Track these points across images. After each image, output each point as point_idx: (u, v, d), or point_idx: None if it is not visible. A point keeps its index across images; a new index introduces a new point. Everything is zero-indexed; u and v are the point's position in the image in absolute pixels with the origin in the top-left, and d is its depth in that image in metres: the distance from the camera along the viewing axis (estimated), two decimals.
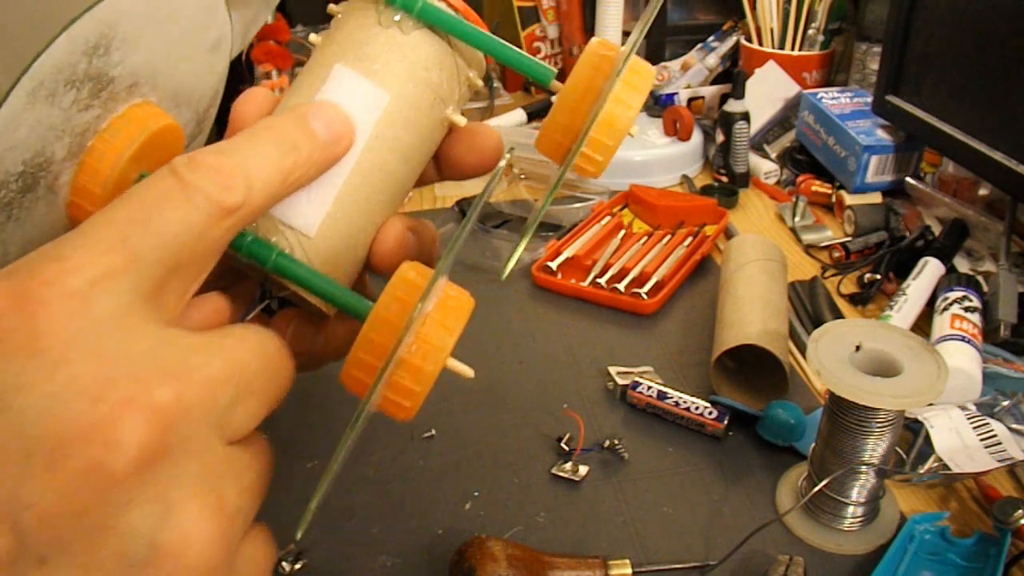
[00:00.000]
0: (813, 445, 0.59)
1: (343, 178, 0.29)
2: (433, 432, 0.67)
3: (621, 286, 0.85)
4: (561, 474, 0.63)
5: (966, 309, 0.73)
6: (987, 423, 0.62)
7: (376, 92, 0.30)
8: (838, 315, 0.80)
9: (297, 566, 0.55)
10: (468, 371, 0.27)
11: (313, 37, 0.32)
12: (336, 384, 0.27)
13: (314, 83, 0.30)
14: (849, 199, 0.98)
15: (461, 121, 0.32)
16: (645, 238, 0.95)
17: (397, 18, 0.31)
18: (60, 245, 0.20)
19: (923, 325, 0.76)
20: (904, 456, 0.62)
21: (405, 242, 0.31)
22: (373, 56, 0.30)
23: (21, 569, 0.17)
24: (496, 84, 1.34)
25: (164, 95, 0.31)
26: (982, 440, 0.61)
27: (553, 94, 0.40)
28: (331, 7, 0.32)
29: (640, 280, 0.86)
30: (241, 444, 0.23)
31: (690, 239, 0.94)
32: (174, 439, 0.19)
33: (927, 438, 0.62)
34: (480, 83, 0.34)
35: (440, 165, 0.34)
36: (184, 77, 0.32)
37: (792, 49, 1.18)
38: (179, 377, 0.20)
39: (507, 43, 0.32)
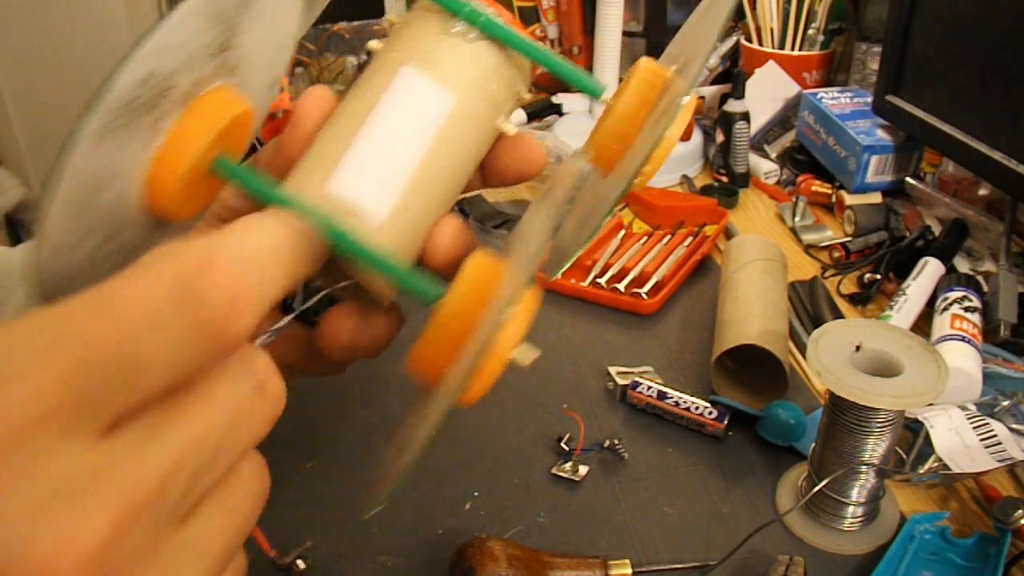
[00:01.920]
0: (813, 445, 0.59)
1: (409, 174, 0.30)
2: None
3: (621, 286, 0.85)
4: (561, 474, 0.63)
5: (966, 309, 0.73)
6: (987, 423, 0.62)
7: (442, 94, 0.31)
8: (838, 315, 0.80)
9: (302, 566, 0.55)
10: (529, 358, 0.29)
11: (373, 43, 0.34)
12: (331, 383, 0.28)
13: (380, 83, 0.31)
14: (849, 199, 0.98)
15: (511, 131, 0.34)
16: (645, 238, 0.95)
17: (460, 28, 0.32)
18: (6, 361, 0.18)
19: (923, 325, 0.76)
20: (904, 456, 0.62)
21: (462, 238, 0.32)
22: (438, 61, 0.32)
23: None
24: None
25: (245, 85, 0.32)
26: (982, 440, 0.61)
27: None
28: (390, 16, 0.34)
29: (640, 280, 0.86)
30: (207, 507, 0.21)
31: (690, 239, 0.94)
32: (113, 569, 0.18)
33: (927, 438, 0.62)
34: (527, 96, 0.35)
35: (485, 172, 0.35)
36: (259, 75, 0.33)
37: (792, 49, 1.18)
38: (116, 497, 0.18)
39: (556, 55, 0.34)
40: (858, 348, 0.55)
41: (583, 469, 0.63)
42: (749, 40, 1.22)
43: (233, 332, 0.20)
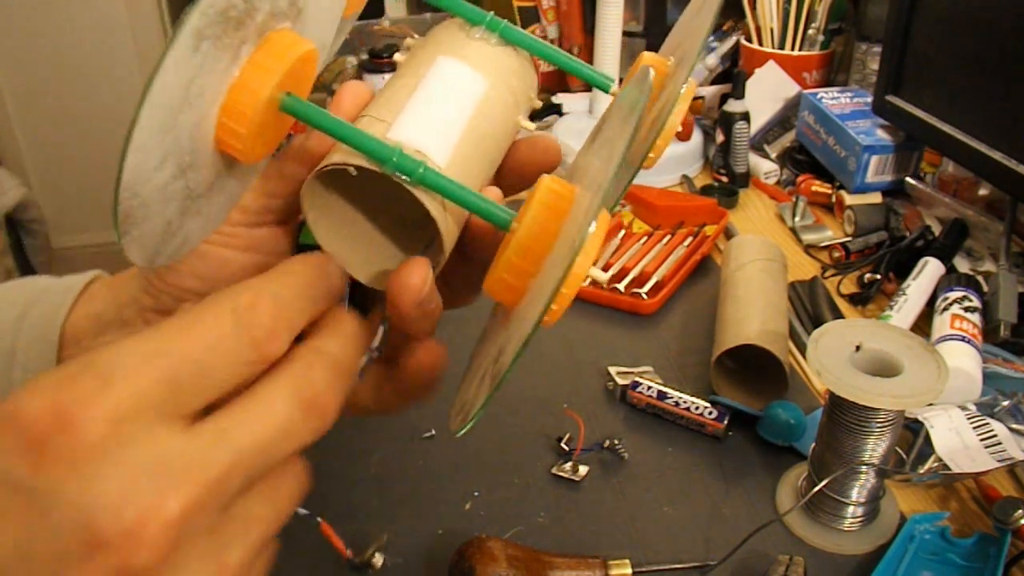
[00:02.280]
0: (813, 445, 0.59)
1: (459, 133, 0.33)
2: (433, 432, 0.67)
3: (621, 286, 0.85)
4: (561, 474, 0.63)
5: (966, 309, 0.73)
6: (987, 423, 0.62)
7: (477, 76, 0.34)
8: (838, 315, 0.80)
9: (379, 562, 0.55)
10: (603, 275, 0.31)
11: (398, 56, 0.37)
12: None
13: (420, 71, 0.34)
14: (849, 199, 0.98)
15: (530, 126, 0.37)
16: (645, 238, 0.95)
17: (482, 35, 0.36)
18: (107, 362, 0.23)
19: (923, 325, 0.76)
20: (904, 456, 0.62)
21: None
22: (469, 55, 0.35)
23: None
24: None
25: (306, 33, 0.32)
26: (982, 440, 0.61)
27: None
28: (408, 41, 0.37)
29: (640, 280, 0.86)
30: (253, 496, 0.26)
31: (690, 239, 0.94)
32: (182, 538, 0.23)
33: (927, 438, 0.62)
34: (539, 103, 0.39)
35: (505, 171, 0.37)
36: (317, 25, 0.34)
37: (792, 49, 1.18)
38: (189, 482, 0.23)
39: (569, 55, 0.39)
40: (858, 348, 0.55)
41: (583, 469, 0.63)
42: (749, 40, 1.22)
43: (275, 348, 0.26)
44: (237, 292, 0.27)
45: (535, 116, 1.24)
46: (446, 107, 0.33)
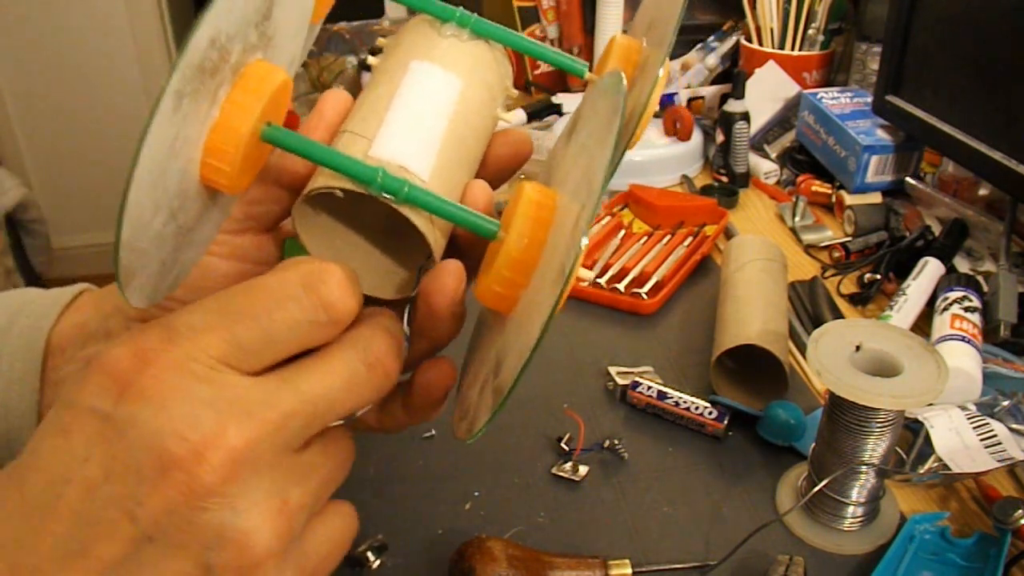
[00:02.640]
0: (813, 445, 0.59)
1: (439, 142, 0.34)
2: (433, 432, 0.67)
3: (621, 286, 0.85)
4: (561, 474, 0.63)
5: (966, 309, 0.73)
6: (987, 423, 0.62)
7: (451, 79, 0.35)
8: (838, 315, 0.80)
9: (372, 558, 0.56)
10: (590, 274, 0.33)
11: (371, 60, 0.37)
12: None
13: (394, 77, 0.34)
14: (849, 199, 0.98)
15: (508, 117, 0.38)
16: (645, 238, 0.95)
17: (453, 31, 0.36)
18: (178, 318, 0.27)
19: (923, 325, 0.76)
20: (904, 456, 0.62)
21: (490, 195, 0.36)
22: (441, 56, 0.35)
23: (139, 543, 0.25)
24: None
25: (276, 60, 0.33)
26: (982, 440, 0.61)
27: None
28: (380, 40, 0.37)
29: (640, 280, 0.86)
30: (314, 448, 0.29)
31: (690, 239, 0.94)
32: (244, 466, 0.25)
33: (927, 438, 0.62)
34: (515, 92, 0.39)
35: (485, 166, 0.38)
36: (285, 51, 0.34)
37: (792, 49, 1.18)
38: (250, 418, 0.26)
39: (542, 44, 0.39)
40: (858, 348, 0.55)
41: (583, 469, 0.63)
42: (749, 40, 1.22)
43: (346, 310, 0.28)
44: (303, 261, 0.29)
45: (533, 116, 1.25)
46: (424, 117, 0.34)
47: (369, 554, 0.56)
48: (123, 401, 0.25)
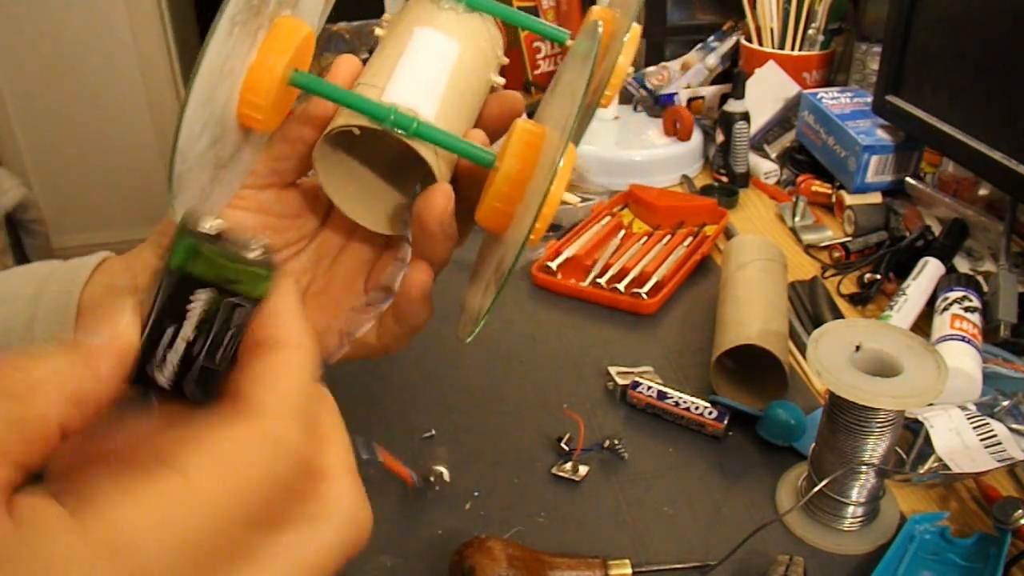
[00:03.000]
0: (813, 445, 0.59)
1: (442, 92, 0.38)
2: (433, 432, 0.67)
3: (621, 286, 0.85)
4: (561, 474, 0.63)
5: (966, 309, 0.73)
6: (987, 423, 0.62)
7: (451, 42, 0.39)
8: (838, 315, 0.80)
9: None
10: (575, 198, 0.36)
11: (378, 31, 0.41)
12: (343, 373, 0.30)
13: (400, 42, 0.39)
14: (849, 199, 0.98)
15: (500, 81, 0.42)
16: (645, 238, 0.95)
17: (449, 4, 0.40)
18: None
19: (923, 325, 0.76)
20: (904, 456, 0.62)
21: (488, 142, 0.39)
22: (441, 24, 0.39)
23: None
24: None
25: (303, 15, 0.39)
26: (982, 440, 0.61)
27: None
28: (386, 16, 0.42)
29: (640, 280, 0.86)
30: None
31: (690, 239, 0.94)
32: None
33: (927, 438, 0.62)
34: (505, 60, 0.44)
35: (477, 123, 0.41)
36: (311, 14, 0.40)
37: (792, 49, 1.18)
38: None
39: (529, 14, 0.44)
40: (858, 348, 0.55)
41: (583, 469, 0.63)
42: (749, 40, 1.22)
43: None
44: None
45: (533, 116, 1.25)
46: (429, 70, 0.38)
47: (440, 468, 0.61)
48: None
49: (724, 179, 1.09)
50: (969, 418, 0.63)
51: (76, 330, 0.41)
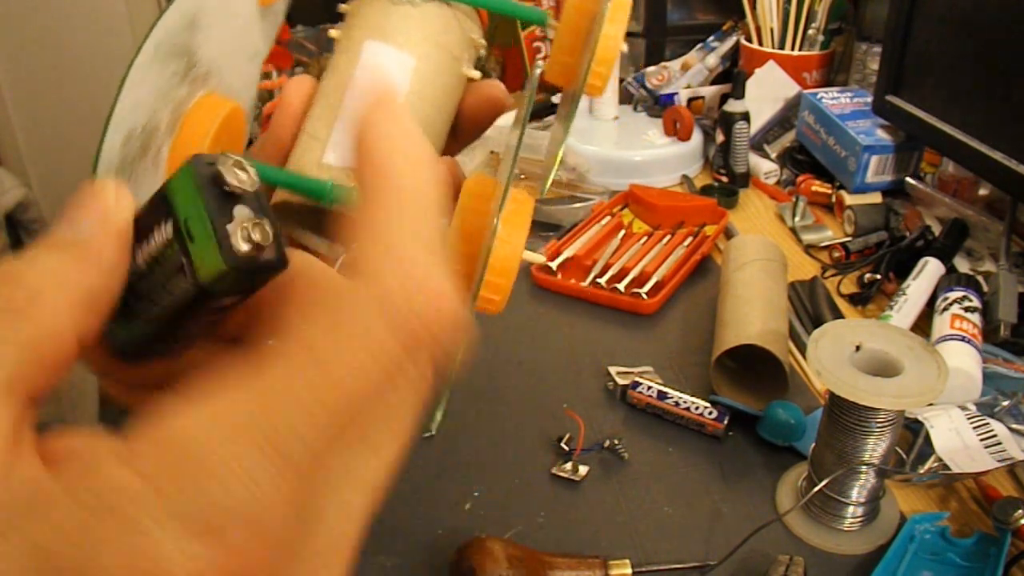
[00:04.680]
0: (813, 445, 0.59)
1: None
2: (433, 432, 0.67)
3: (621, 286, 0.85)
4: (561, 474, 0.63)
5: (966, 309, 0.73)
6: (987, 423, 0.62)
7: (403, 56, 0.36)
8: (838, 315, 0.80)
9: None
10: (540, 258, 0.31)
11: (333, 32, 0.37)
12: None
13: (349, 60, 0.36)
14: (849, 199, 0.98)
15: (476, 74, 0.38)
16: (645, 238, 0.95)
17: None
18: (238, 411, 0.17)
19: (923, 325, 0.76)
20: (904, 456, 0.62)
21: (456, 172, 0.35)
22: (393, 30, 0.36)
23: None
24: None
25: (225, 87, 0.36)
26: (982, 440, 0.61)
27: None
28: (341, 7, 0.37)
29: (640, 280, 0.86)
30: None
31: (690, 239, 0.94)
32: None
33: (927, 438, 0.62)
34: (483, 41, 0.39)
35: (460, 123, 0.38)
36: (234, 79, 0.37)
37: (792, 49, 1.18)
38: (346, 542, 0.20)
39: None
40: (858, 348, 0.55)
41: (583, 469, 0.63)
42: (749, 40, 1.22)
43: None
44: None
45: (533, 116, 1.25)
46: None
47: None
48: None
49: (724, 179, 1.09)
50: (969, 418, 0.63)
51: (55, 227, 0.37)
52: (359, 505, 0.20)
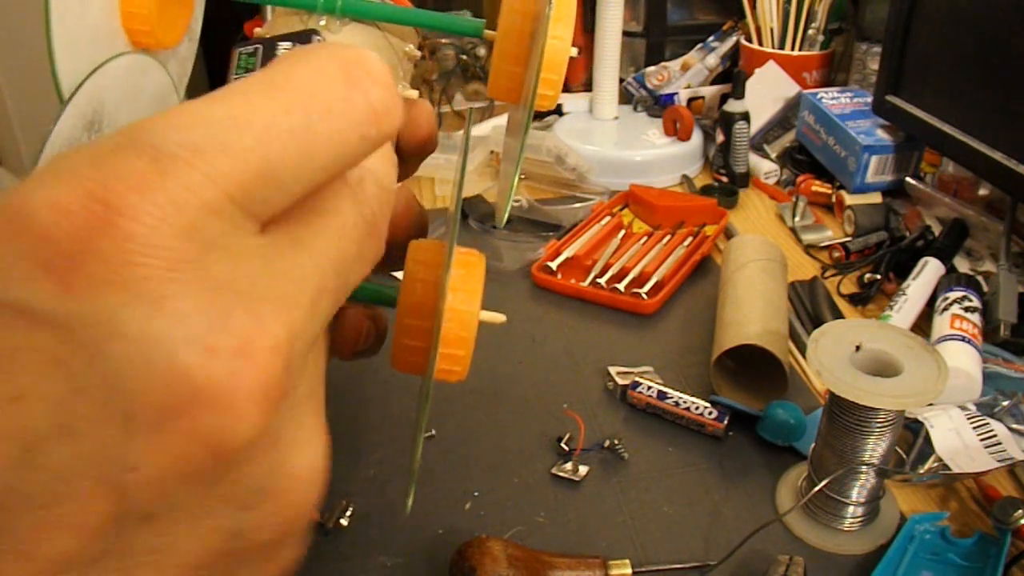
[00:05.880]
0: (813, 445, 0.59)
1: None
2: (433, 432, 0.67)
3: (621, 286, 0.85)
4: (561, 474, 0.63)
5: (966, 309, 0.73)
6: (987, 423, 0.62)
7: None
8: (838, 315, 0.80)
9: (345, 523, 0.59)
10: (500, 317, 0.28)
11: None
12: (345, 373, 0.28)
13: None
14: (849, 199, 0.98)
15: (413, 94, 0.33)
16: (645, 238, 0.95)
17: (323, 22, 0.32)
18: (163, 128, 0.16)
19: (923, 325, 0.76)
20: (904, 456, 0.62)
21: (410, 210, 0.30)
22: None
23: (125, 529, 0.15)
24: None
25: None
26: (982, 440, 0.61)
27: None
28: (256, 30, 0.34)
29: (640, 280, 0.86)
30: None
31: (690, 239, 0.94)
32: (289, 378, 0.16)
33: (927, 438, 0.62)
34: (417, 52, 0.36)
35: (398, 148, 0.33)
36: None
37: (792, 49, 1.18)
38: (283, 303, 0.16)
39: (427, 11, 0.33)
40: (858, 348, 0.55)
41: (583, 469, 0.63)
42: (749, 40, 1.22)
43: (394, 123, 0.19)
44: (331, 45, 0.19)
45: (537, 116, 1.25)
46: None
47: (342, 520, 0.58)
48: (78, 288, 0.14)
49: (724, 179, 1.09)
50: (969, 418, 0.63)
51: None
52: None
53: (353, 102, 0.18)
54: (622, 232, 0.96)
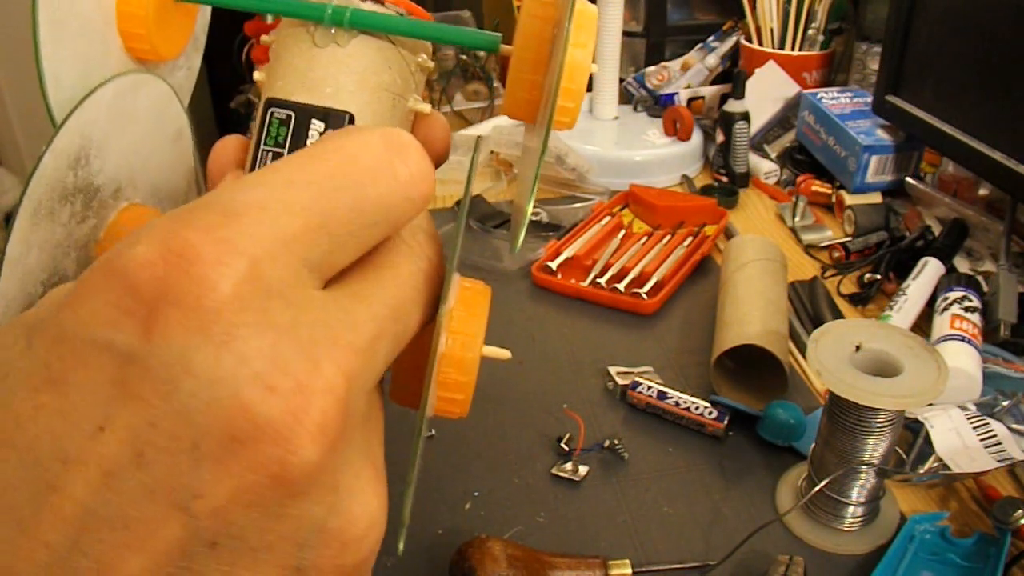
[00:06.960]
0: (813, 445, 0.59)
1: None
2: (433, 432, 0.67)
3: (621, 286, 0.85)
4: (561, 474, 0.63)
5: (966, 309, 0.73)
6: (987, 423, 0.62)
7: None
8: (838, 315, 0.80)
9: None
10: (505, 353, 0.28)
11: (257, 75, 0.32)
12: None
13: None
14: (849, 199, 0.98)
15: (426, 108, 0.32)
16: (645, 238, 0.95)
17: (332, 32, 0.30)
18: (233, 192, 0.18)
19: (923, 325, 0.76)
20: (904, 456, 0.62)
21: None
22: (321, 80, 0.30)
23: (193, 556, 0.17)
24: (496, 84, 1.34)
25: (145, 193, 0.34)
26: (982, 440, 0.61)
27: None
28: (263, 38, 0.32)
29: (640, 280, 0.86)
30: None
31: (690, 239, 0.94)
32: (347, 421, 0.18)
33: (927, 438, 0.62)
34: (431, 64, 0.33)
35: None
36: (158, 172, 0.35)
37: (792, 49, 1.18)
38: (345, 346, 0.18)
39: (442, 24, 0.32)
40: (858, 348, 0.55)
41: (583, 469, 0.63)
42: (749, 40, 1.22)
43: (429, 189, 0.21)
44: (366, 126, 0.22)
45: None
46: None
47: None
48: (158, 331, 0.16)
49: (724, 179, 1.09)
50: (969, 418, 0.63)
51: None
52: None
53: (396, 168, 0.20)
54: (622, 232, 0.96)
